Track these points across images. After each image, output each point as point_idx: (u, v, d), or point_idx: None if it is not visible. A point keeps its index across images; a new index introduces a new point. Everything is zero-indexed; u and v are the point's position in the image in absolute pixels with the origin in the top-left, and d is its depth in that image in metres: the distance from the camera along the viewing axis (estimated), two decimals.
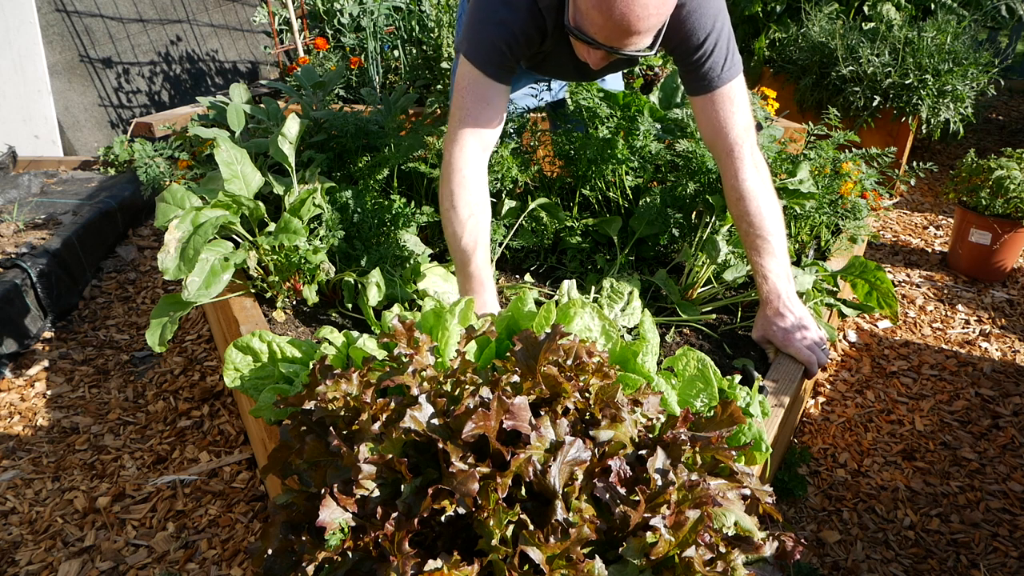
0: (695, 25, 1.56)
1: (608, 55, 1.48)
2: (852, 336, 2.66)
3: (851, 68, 3.70)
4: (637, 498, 0.91)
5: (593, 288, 1.87)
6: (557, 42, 1.64)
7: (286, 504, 1.02)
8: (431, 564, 0.86)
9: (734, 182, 1.67)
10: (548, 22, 1.58)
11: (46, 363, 2.49)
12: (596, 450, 0.97)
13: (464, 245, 1.60)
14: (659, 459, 0.95)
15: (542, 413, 0.99)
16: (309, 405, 1.07)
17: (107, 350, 2.58)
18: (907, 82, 3.54)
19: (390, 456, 0.94)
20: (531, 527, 0.88)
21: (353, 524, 0.92)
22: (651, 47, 1.46)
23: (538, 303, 1.44)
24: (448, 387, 1.08)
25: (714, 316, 1.88)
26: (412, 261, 1.92)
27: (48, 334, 2.65)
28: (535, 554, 0.84)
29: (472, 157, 1.63)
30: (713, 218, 1.97)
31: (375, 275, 1.78)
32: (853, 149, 2.37)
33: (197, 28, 4.88)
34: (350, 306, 1.88)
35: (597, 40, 1.42)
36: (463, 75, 1.63)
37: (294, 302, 1.93)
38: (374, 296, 1.76)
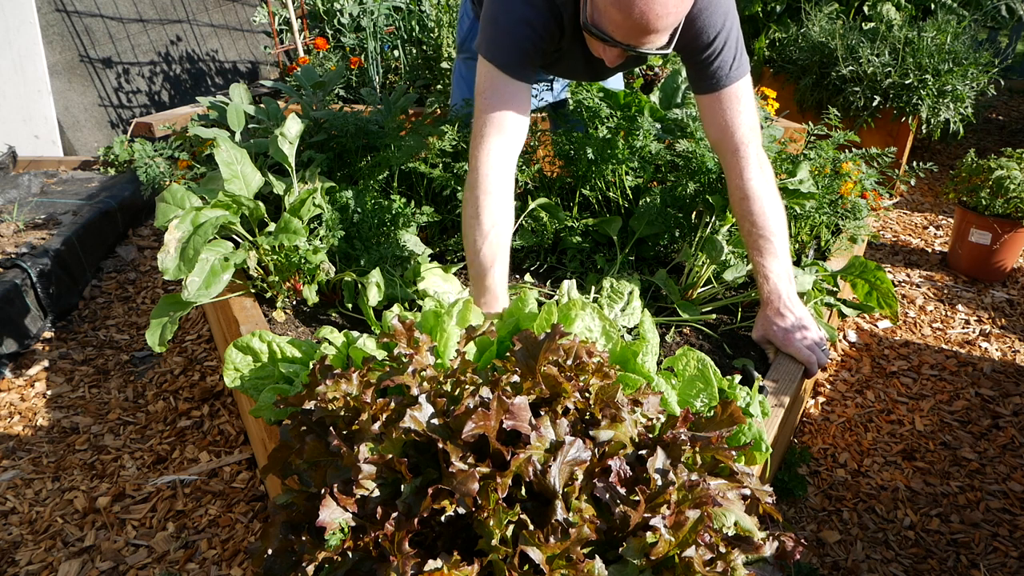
0: (705, 24, 1.56)
1: (624, 53, 1.47)
2: (852, 336, 2.66)
3: (851, 68, 3.70)
4: (637, 498, 0.91)
5: (593, 288, 1.87)
6: (571, 40, 1.63)
7: (286, 504, 1.02)
8: (431, 564, 0.86)
9: (739, 181, 1.67)
10: (564, 18, 1.58)
11: (46, 363, 2.49)
12: (596, 450, 0.97)
13: (483, 258, 1.58)
14: (659, 459, 0.95)
15: (542, 413, 0.99)
16: (309, 405, 1.07)
17: (107, 350, 2.58)
18: (907, 82, 3.54)
19: (390, 456, 0.94)
20: (531, 527, 0.88)
21: (353, 524, 0.92)
22: (667, 46, 1.46)
23: (539, 303, 1.44)
24: (448, 387, 1.08)
25: (714, 316, 1.88)
26: (412, 261, 1.92)
27: (48, 334, 2.65)
28: (535, 554, 0.84)
29: (498, 161, 1.60)
30: (713, 218, 1.97)
31: (375, 275, 1.78)
32: (853, 149, 2.37)
33: (197, 28, 4.88)
34: (350, 306, 1.88)
35: (615, 38, 1.42)
36: (484, 76, 1.60)
37: (294, 302, 1.93)
38: (374, 296, 1.76)
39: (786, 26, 4.25)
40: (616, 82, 2.41)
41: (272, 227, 1.86)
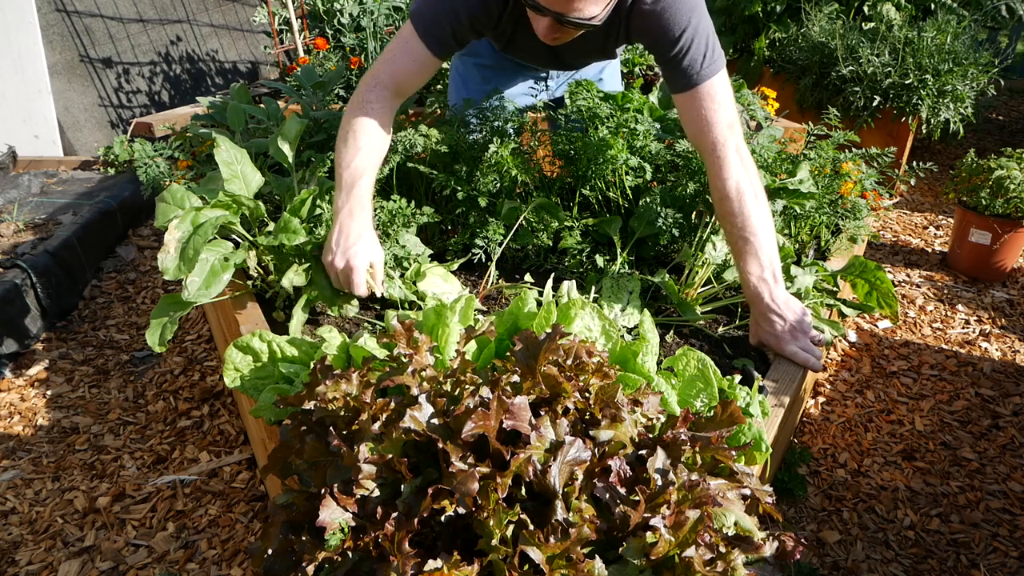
0: (669, 21, 1.57)
1: (556, 23, 1.48)
2: (852, 336, 2.66)
3: (851, 68, 3.70)
4: (637, 498, 0.91)
5: (593, 288, 1.87)
6: (520, 22, 1.66)
7: (286, 504, 1.02)
8: (431, 564, 0.85)
9: (716, 181, 1.65)
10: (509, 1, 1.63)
11: (46, 363, 2.49)
12: (596, 450, 0.97)
13: (354, 166, 1.64)
14: (659, 459, 0.95)
15: (542, 413, 0.99)
16: (309, 405, 1.07)
17: (107, 350, 2.58)
18: (907, 82, 3.54)
19: (390, 456, 0.94)
20: (531, 527, 0.88)
21: (353, 524, 0.92)
22: (600, 18, 1.48)
23: (538, 303, 1.44)
24: (448, 387, 1.08)
25: (714, 316, 1.88)
26: (412, 261, 1.92)
27: (48, 334, 2.65)
28: (535, 554, 0.84)
29: (383, 96, 1.70)
30: (713, 218, 1.97)
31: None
32: (853, 149, 2.37)
33: (197, 28, 4.88)
34: None
35: (539, 3, 1.43)
36: (404, 31, 1.70)
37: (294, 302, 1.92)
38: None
39: (786, 26, 4.25)
40: (614, 83, 2.41)
41: (272, 227, 1.86)
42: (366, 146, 1.66)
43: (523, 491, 0.94)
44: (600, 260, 2.02)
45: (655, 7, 1.56)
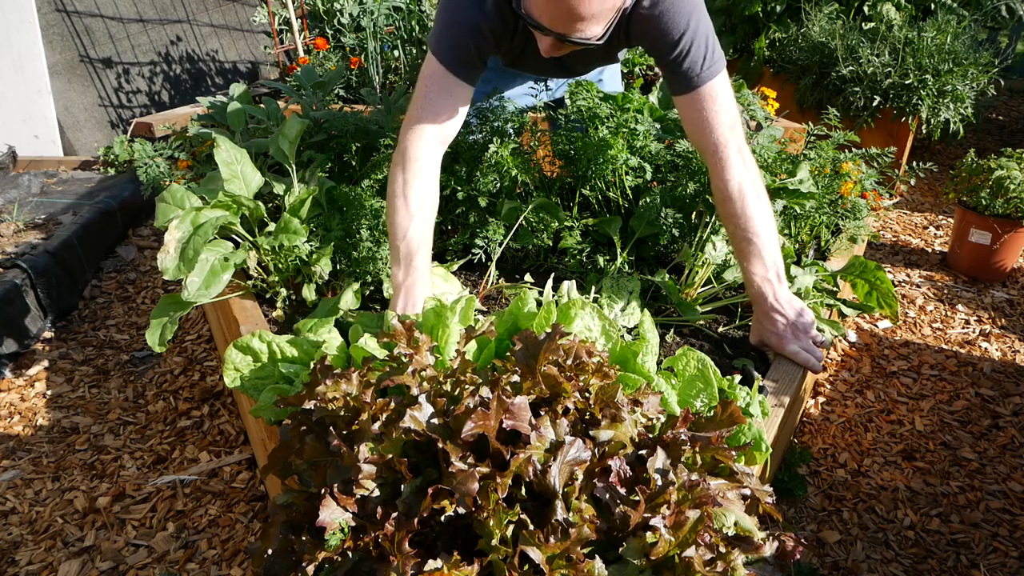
0: (668, 25, 1.57)
1: (558, 42, 1.49)
2: (852, 336, 2.66)
3: (851, 68, 3.70)
4: (637, 498, 0.91)
5: (593, 288, 1.87)
6: (530, 37, 1.66)
7: (286, 504, 1.02)
8: (431, 564, 0.86)
9: (719, 182, 1.65)
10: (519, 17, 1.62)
11: (46, 363, 2.49)
12: (596, 450, 0.97)
13: (411, 238, 1.60)
14: (659, 459, 0.95)
15: (542, 413, 0.99)
16: (309, 405, 1.07)
17: (107, 350, 2.58)
18: (907, 82, 3.54)
19: (390, 456, 0.94)
20: (531, 527, 0.88)
21: (353, 524, 0.92)
22: (602, 37, 1.47)
23: (538, 303, 1.44)
24: (448, 387, 1.08)
25: (714, 316, 1.88)
26: None
27: (48, 334, 2.65)
28: (535, 554, 0.84)
29: (429, 148, 1.65)
30: (713, 218, 1.97)
31: (354, 285, 1.78)
32: (853, 149, 2.37)
33: (197, 28, 4.88)
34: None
35: (543, 24, 1.44)
36: (429, 68, 1.67)
37: (294, 302, 1.93)
38: (348, 302, 1.75)
39: (786, 26, 4.25)
40: (614, 84, 2.41)
41: (272, 227, 1.86)
42: (419, 212, 1.61)
43: (523, 491, 0.94)
44: (600, 260, 2.02)
45: (653, 11, 1.55)
